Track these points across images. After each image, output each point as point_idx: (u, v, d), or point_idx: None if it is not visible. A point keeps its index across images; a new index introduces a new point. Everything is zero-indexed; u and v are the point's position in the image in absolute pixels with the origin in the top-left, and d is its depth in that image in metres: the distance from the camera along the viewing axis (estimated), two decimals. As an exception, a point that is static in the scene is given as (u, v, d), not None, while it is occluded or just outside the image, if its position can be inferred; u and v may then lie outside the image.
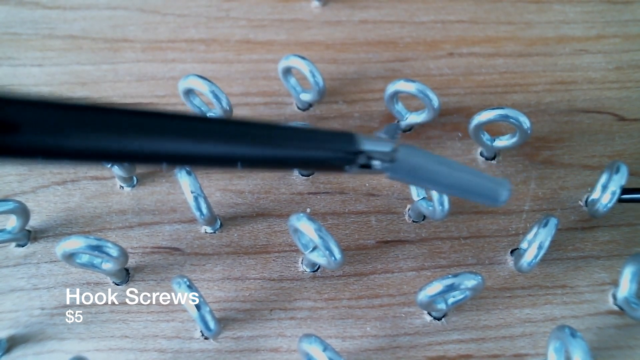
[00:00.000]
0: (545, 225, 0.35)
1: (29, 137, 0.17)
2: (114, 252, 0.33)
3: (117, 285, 0.37)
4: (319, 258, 0.35)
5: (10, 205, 0.36)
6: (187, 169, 0.36)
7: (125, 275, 0.37)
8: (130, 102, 0.44)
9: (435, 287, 0.33)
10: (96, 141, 0.19)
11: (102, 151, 0.20)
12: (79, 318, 0.36)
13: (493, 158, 0.42)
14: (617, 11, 0.49)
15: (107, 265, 0.35)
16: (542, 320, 0.37)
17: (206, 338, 0.36)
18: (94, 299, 0.37)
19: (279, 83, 0.44)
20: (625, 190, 0.37)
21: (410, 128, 0.43)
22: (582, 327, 0.36)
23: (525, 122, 0.37)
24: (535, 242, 0.35)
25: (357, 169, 0.28)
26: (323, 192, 0.41)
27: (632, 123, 0.44)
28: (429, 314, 0.37)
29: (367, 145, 0.28)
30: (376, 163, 0.28)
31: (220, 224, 0.39)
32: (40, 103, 0.18)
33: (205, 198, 0.36)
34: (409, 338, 0.36)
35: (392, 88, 0.40)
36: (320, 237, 0.32)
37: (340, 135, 0.28)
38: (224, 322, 0.36)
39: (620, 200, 0.37)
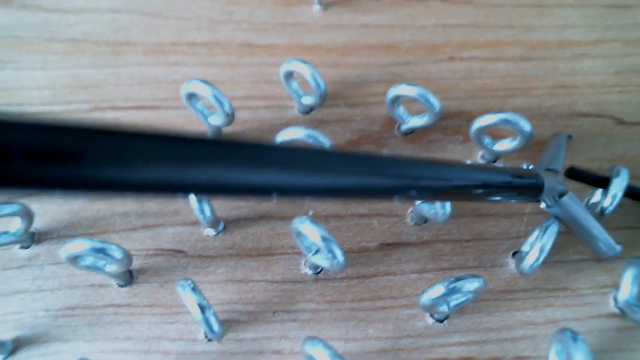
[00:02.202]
0: (547, 228, 0.36)
1: (93, 168, 0.16)
2: (117, 254, 0.34)
3: (121, 287, 0.37)
4: (321, 260, 0.35)
5: (14, 208, 0.36)
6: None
7: (129, 277, 0.37)
8: (132, 106, 0.44)
9: (438, 290, 0.33)
10: (166, 171, 0.18)
11: (173, 182, 0.18)
12: (83, 320, 0.36)
13: (494, 162, 0.42)
14: (617, 15, 0.50)
15: (111, 268, 0.35)
16: (543, 323, 0.37)
17: (210, 340, 0.36)
18: (97, 300, 0.37)
19: (281, 87, 0.44)
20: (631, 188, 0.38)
21: (411, 132, 0.44)
22: (584, 330, 0.36)
23: (526, 126, 0.37)
24: (537, 245, 0.35)
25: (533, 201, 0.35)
26: (325, 195, 0.41)
27: (632, 127, 0.44)
28: (431, 316, 0.37)
29: (548, 185, 0.33)
30: (546, 200, 0.35)
31: (224, 226, 0.40)
32: (103, 131, 0.16)
33: (208, 200, 0.37)
34: (411, 340, 0.36)
35: (393, 92, 0.40)
36: (323, 240, 0.33)
37: (530, 173, 0.33)
38: (227, 324, 0.36)
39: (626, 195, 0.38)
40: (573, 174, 0.38)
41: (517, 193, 0.32)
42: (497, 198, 0.31)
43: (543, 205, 0.36)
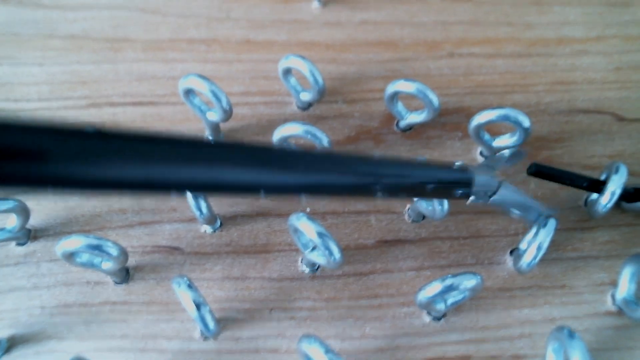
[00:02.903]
0: (545, 225, 0.35)
1: (58, 167, 0.17)
2: (114, 251, 0.34)
3: (117, 284, 0.37)
4: (318, 258, 0.35)
5: (10, 204, 0.36)
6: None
7: (125, 275, 0.37)
8: (130, 102, 0.44)
9: (435, 287, 0.33)
10: (130, 170, 0.18)
11: (136, 181, 0.19)
12: (78, 318, 0.36)
13: (493, 158, 0.42)
14: (617, 12, 0.49)
15: (107, 265, 0.35)
16: (541, 321, 0.37)
17: (206, 338, 0.36)
18: (93, 298, 0.37)
19: (279, 83, 0.44)
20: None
21: (410, 128, 0.43)
22: (581, 328, 0.36)
23: (525, 122, 0.37)
24: (535, 243, 0.35)
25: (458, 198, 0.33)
26: (323, 192, 0.41)
27: (631, 123, 0.44)
28: (428, 314, 0.37)
29: (479, 181, 0.32)
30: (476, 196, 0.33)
31: (220, 223, 0.39)
32: (68, 131, 0.17)
33: (205, 197, 0.36)
34: (408, 338, 0.36)
35: (392, 88, 0.40)
36: (320, 237, 0.33)
37: (457, 171, 0.32)
38: (223, 322, 0.36)
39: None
40: (536, 171, 0.37)
41: (439, 188, 0.31)
42: (417, 192, 0.31)
43: (472, 198, 0.33)
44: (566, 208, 0.40)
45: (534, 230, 0.37)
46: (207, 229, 0.39)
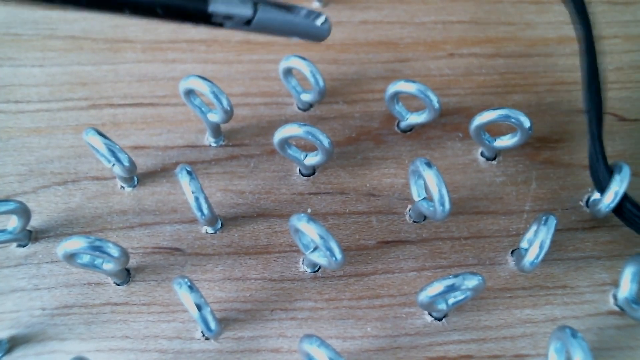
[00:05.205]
0: (545, 223, 0.35)
1: None
2: (114, 252, 0.33)
3: (118, 285, 0.37)
4: (319, 258, 0.35)
5: (11, 206, 0.36)
6: (188, 168, 0.36)
7: (126, 276, 0.37)
8: (130, 103, 0.44)
9: (436, 288, 0.32)
10: None
11: None
12: (79, 319, 0.36)
13: (494, 158, 0.42)
14: (617, 12, 0.49)
15: (108, 266, 0.35)
16: (542, 321, 0.37)
17: (207, 338, 0.36)
18: (94, 299, 0.37)
19: (280, 83, 0.44)
20: None
21: (411, 128, 0.43)
22: (583, 328, 0.36)
23: (526, 122, 0.37)
24: (536, 241, 0.35)
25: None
26: (324, 193, 0.41)
27: (632, 123, 0.44)
28: (430, 314, 0.37)
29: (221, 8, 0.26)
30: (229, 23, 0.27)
31: (221, 224, 0.39)
32: None
33: (206, 198, 0.36)
34: (410, 338, 0.36)
35: (392, 88, 0.40)
36: (321, 238, 0.32)
37: None
38: (224, 323, 0.36)
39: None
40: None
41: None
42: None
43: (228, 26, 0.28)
44: (568, 208, 0.40)
45: (533, 228, 0.37)
46: (208, 230, 0.39)
